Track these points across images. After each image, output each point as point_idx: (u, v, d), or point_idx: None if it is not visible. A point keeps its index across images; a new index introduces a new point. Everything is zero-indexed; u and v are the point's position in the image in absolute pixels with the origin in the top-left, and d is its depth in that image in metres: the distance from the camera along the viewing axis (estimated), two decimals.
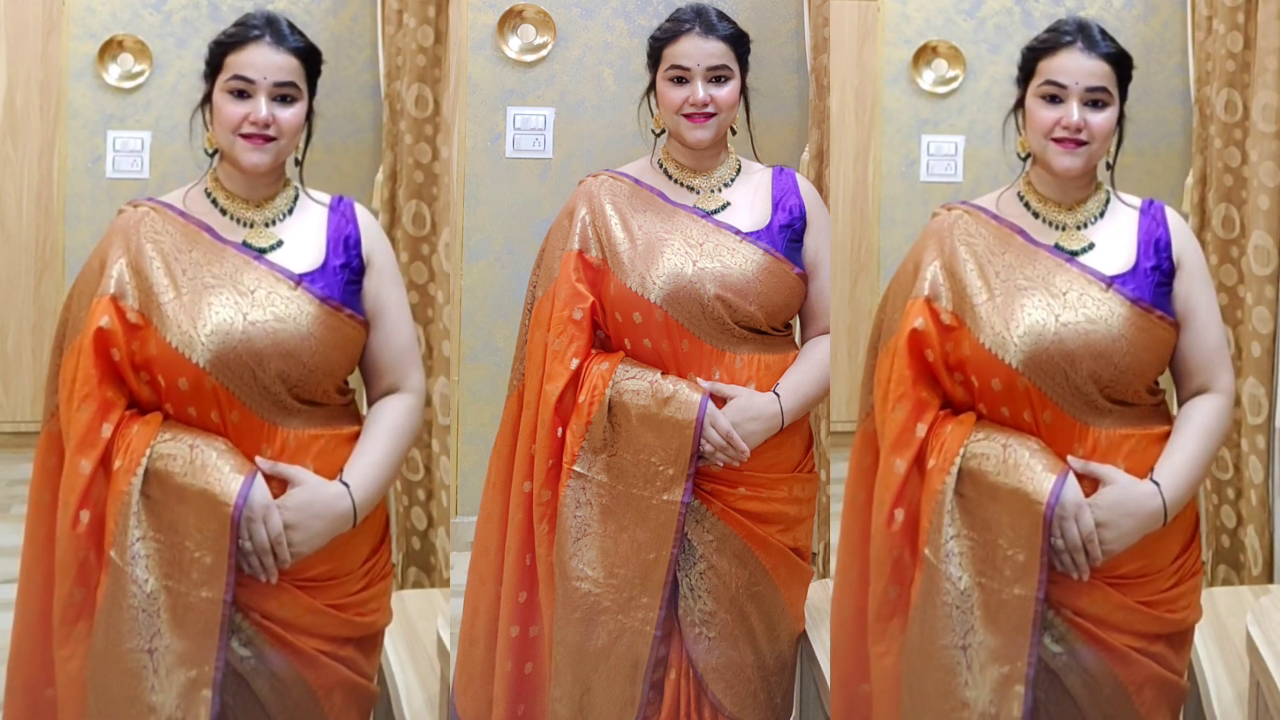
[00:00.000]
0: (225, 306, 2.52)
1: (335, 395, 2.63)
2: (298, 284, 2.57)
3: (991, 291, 2.58)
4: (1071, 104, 2.58)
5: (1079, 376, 2.54)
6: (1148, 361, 2.57)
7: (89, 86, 3.54)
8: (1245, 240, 3.67)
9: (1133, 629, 2.59)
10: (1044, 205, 2.66)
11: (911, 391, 2.60)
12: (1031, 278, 2.59)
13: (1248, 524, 3.67)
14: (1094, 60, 2.59)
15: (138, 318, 2.53)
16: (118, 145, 3.53)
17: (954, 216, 2.70)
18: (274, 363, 2.52)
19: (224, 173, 2.64)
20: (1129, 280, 2.58)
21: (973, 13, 3.65)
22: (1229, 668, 3.32)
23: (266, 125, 2.56)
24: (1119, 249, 2.62)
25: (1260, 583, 3.62)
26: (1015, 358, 2.55)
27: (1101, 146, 2.62)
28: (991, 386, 2.57)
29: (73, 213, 3.51)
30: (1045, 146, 2.62)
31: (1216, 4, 3.66)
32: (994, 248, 2.63)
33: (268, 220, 2.62)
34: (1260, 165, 3.64)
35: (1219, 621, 3.44)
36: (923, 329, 2.61)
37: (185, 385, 2.51)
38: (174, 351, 2.50)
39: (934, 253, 2.66)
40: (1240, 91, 3.66)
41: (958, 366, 2.60)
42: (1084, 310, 2.55)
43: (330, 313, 2.58)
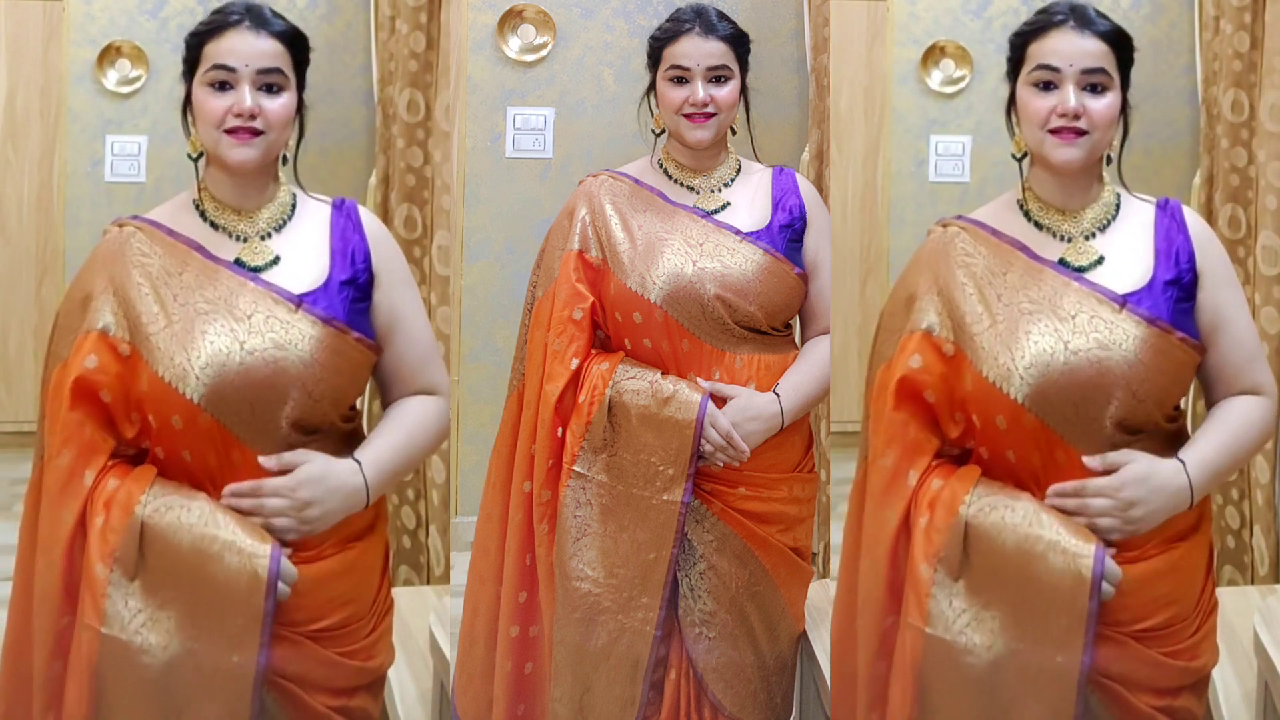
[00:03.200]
0: (221, 335, 2.26)
1: (340, 423, 2.37)
2: (298, 306, 2.30)
3: (994, 318, 2.30)
4: (1067, 88, 2.30)
5: (1093, 409, 2.26)
6: (1166, 388, 2.30)
7: (88, 92, 3.57)
8: (1252, 240, 3.65)
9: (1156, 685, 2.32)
10: (1046, 213, 2.38)
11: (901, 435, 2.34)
12: (1037, 300, 2.30)
13: (1253, 524, 3.65)
14: (1090, 39, 2.30)
15: (129, 350, 2.28)
16: (116, 150, 3.56)
17: (950, 235, 2.42)
18: (275, 394, 2.26)
19: (211, 178, 2.38)
20: (1144, 298, 2.30)
21: (979, 12, 3.64)
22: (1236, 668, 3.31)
23: (252, 116, 2.29)
24: (1133, 261, 2.34)
25: (1267, 583, 3.61)
26: (1020, 391, 2.27)
27: (1104, 136, 2.33)
28: (996, 424, 2.29)
29: (72, 216, 3.54)
30: (1042, 140, 2.33)
31: (1224, 4, 3.65)
32: (995, 267, 2.35)
33: (262, 233, 2.36)
34: (1267, 165, 3.62)
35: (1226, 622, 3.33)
36: (919, 369, 2.33)
37: (179, 423, 2.25)
38: (166, 386, 2.24)
39: (929, 280, 2.39)
40: (1247, 91, 3.64)
41: (958, 404, 2.33)
42: (1095, 335, 2.26)
43: (336, 335, 2.31)
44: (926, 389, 2.32)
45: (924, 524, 2.27)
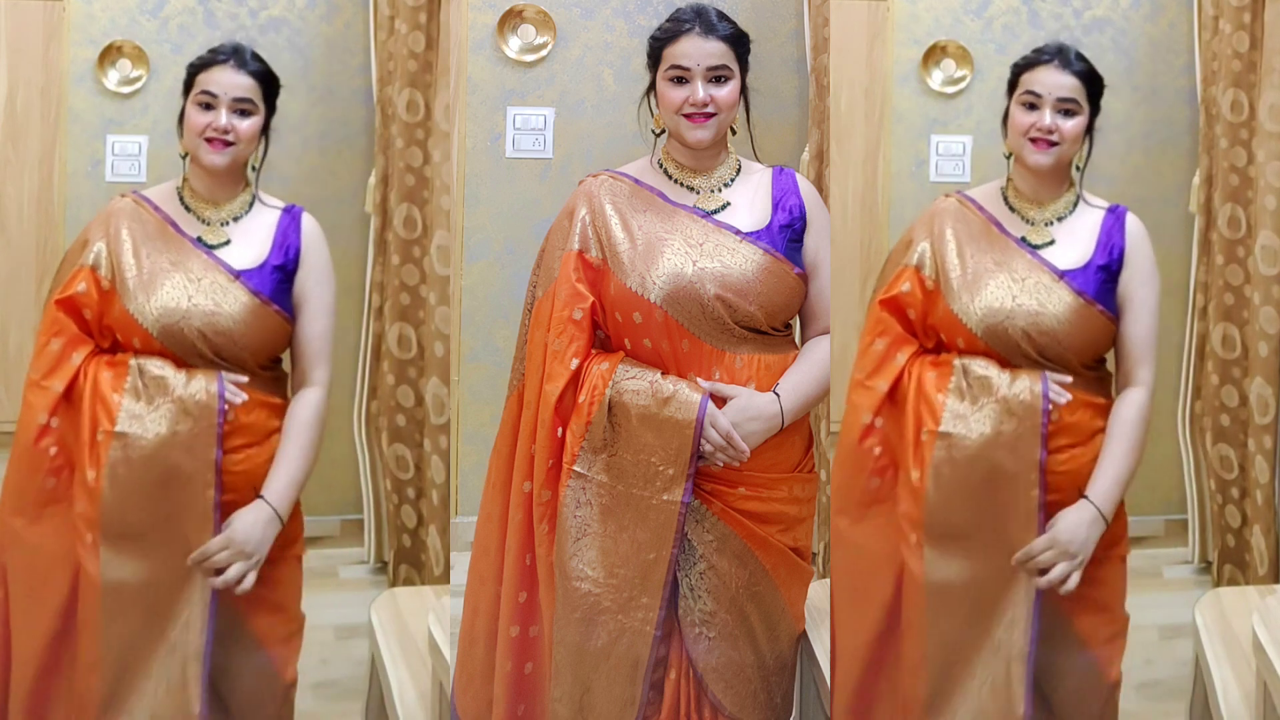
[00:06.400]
0: (176, 289, 3.06)
1: (259, 370, 3.11)
2: (236, 278, 3.08)
3: (964, 270, 3.07)
4: (1045, 110, 3.05)
5: (1028, 347, 3.02)
6: (1085, 345, 3.05)
7: (89, 91, 3.57)
8: (1252, 240, 3.65)
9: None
10: (1020, 201, 3.13)
11: (892, 329, 3.10)
12: (1000, 262, 3.08)
13: (1253, 523, 3.64)
14: (1067, 76, 3.07)
15: (109, 285, 3.06)
16: (116, 149, 3.56)
17: (949, 203, 3.18)
18: (209, 337, 3.04)
19: (193, 174, 3.14)
20: (1078, 276, 3.05)
21: (980, 12, 3.64)
22: (1235, 668, 3.34)
23: (225, 132, 3.07)
24: (1077, 246, 3.08)
25: (1266, 582, 3.60)
26: (978, 327, 3.04)
27: (1071, 148, 3.08)
28: (957, 344, 3.07)
29: (73, 216, 3.53)
30: (1022, 145, 3.08)
31: (1223, 4, 3.64)
32: (975, 233, 3.12)
33: (223, 220, 3.13)
34: (1267, 165, 3.62)
35: (1225, 621, 3.46)
36: (908, 292, 3.10)
37: (138, 344, 3.05)
38: (130, 317, 3.04)
39: (925, 231, 3.14)
40: (1246, 91, 3.65)
41: (931, 327, 3.10)
42: (1037, 295, 3.03)
43: (261, 305, 3.07)
44: (910, 308, 3.10)
45: (933, 376, 3.04)
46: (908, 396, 3.04)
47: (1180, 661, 3.47)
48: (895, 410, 3.06)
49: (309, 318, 3.13)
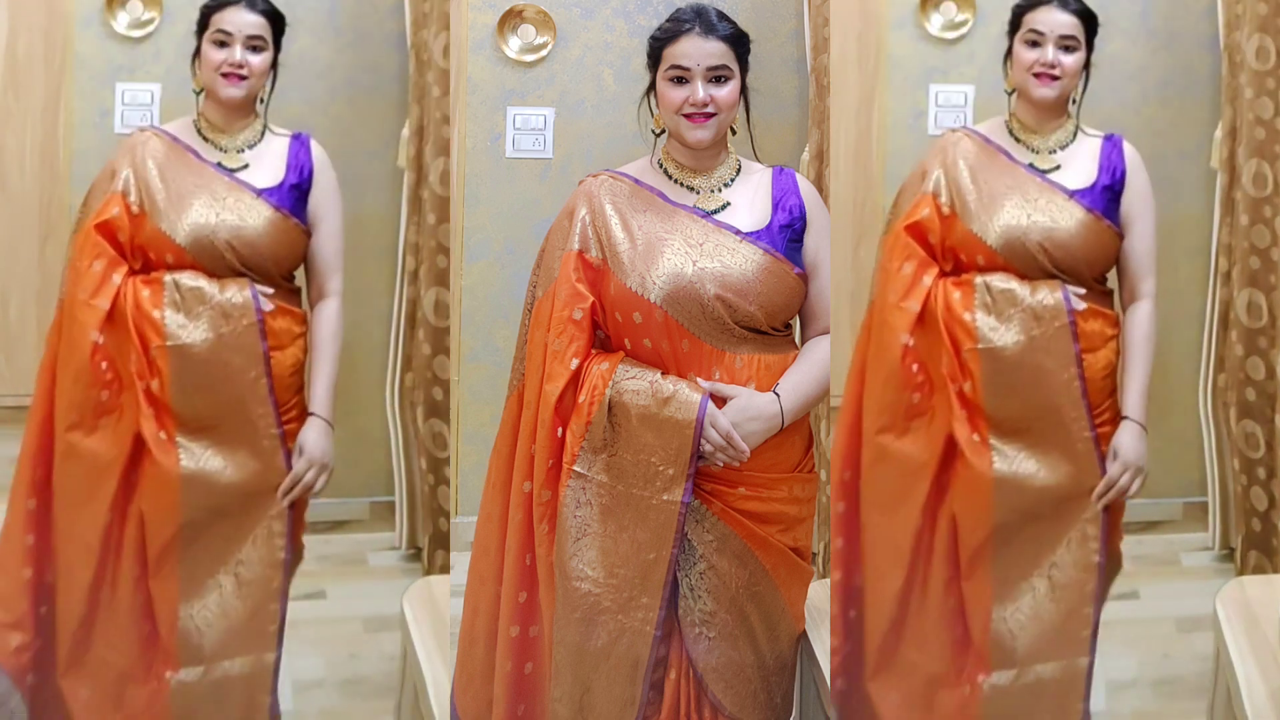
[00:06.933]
0: (203, 208, 3.27)
1: (282, 281, 3.36)
2: (258, 195, 3.30)
3: (979, 193, 3.26)
4: (1048, 47, 3.24)
5: (1044, 260, 3.22)
6: (1095, 258, 3.25)
7: (96, 35, 3.43)
8: (1279, 198, 3.47)
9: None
10: (1024, 132, 3.31)
11: (917, 254, 3.28)
12: (1011, 186, 3.27)
13: None
14: (1067, 15, 3.25)
15: (139, 209, 3.25)
16: (126, 98, 3.43)
17: (957, 136, 3.35)
18: (237, 249, 3.27)
19: (207, 108, 3.33)
20: (1087, 195, 3.25)
21: None
22: (1260, 662, 3.25)
23: (240, 66, 3.27)
24: (1081, 171, 3.27)
25: None
26: (997, 243, 3.24)
27: (1071, 82, 3.28)
28: (976, 261, 3.25)
29: (79, 171, 3.37)
30: (1026, 80, 3.27)
31: None
32: (985, 162, 3.30)
33: (238, 147, 3.34)
34: None
35: (1249, 612, 3.36)
36: (927, 218, 3.27)
37: (171, 259, 3.25)
38: (163, 234, 3.25)
39: (938, 161, 3.31)
40: (1273, 37, 3.46)
41: (951, 248, 3.28)
42: (1050, 213, 3.23)
43: (282, 218, 3.31)
44: (930, 233, 3.28)
45: (959, 296, 3.22)
46: (938, 317, 3.23)
47: (1200, 656, 3.36)
48: (924, 330, 3.25)
49: (325, 231, 3.37)
